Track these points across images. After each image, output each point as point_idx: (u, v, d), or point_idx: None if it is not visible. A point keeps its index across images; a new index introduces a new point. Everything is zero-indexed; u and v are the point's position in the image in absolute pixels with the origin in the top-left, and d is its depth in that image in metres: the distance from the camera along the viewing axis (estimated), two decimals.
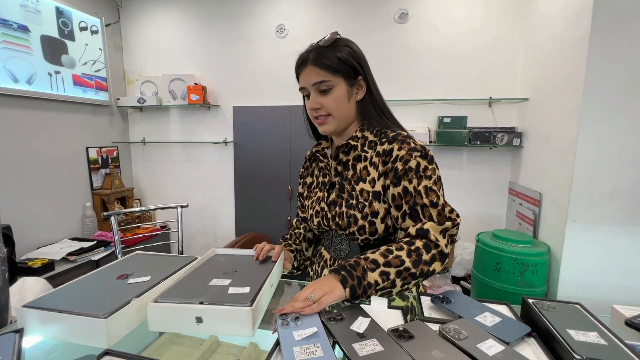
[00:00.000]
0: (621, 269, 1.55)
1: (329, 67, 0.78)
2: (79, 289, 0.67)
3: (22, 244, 2.03)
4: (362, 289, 0.65)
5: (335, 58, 0.78)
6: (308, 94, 0.83)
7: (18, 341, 0.53)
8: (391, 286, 0.68)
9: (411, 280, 0.69)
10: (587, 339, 0.52)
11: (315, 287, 0.63)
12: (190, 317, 0.57)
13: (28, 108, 2.12)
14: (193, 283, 0.68)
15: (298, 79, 0.85)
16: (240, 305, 0.57)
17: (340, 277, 0.65)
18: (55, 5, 2.24)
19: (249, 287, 0.65)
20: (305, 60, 0.81)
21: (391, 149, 0.78)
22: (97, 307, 0.57)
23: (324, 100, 0.80)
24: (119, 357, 0.50)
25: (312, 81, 0.79)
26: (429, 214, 0.73)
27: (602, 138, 1.50)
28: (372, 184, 0.80)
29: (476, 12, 2.23)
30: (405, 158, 0.75)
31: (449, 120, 2.27)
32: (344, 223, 0.81)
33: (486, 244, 1.80)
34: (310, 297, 0.61)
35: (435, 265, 0.70)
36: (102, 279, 0.72)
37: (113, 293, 0.65)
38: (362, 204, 0.80)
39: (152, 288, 0.66)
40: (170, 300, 0.60)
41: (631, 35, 1.42)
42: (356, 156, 0.84)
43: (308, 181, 0.98)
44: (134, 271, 0.75)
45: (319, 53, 0.79)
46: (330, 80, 0.79)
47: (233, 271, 0.75)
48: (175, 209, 1.77)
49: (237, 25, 2.62)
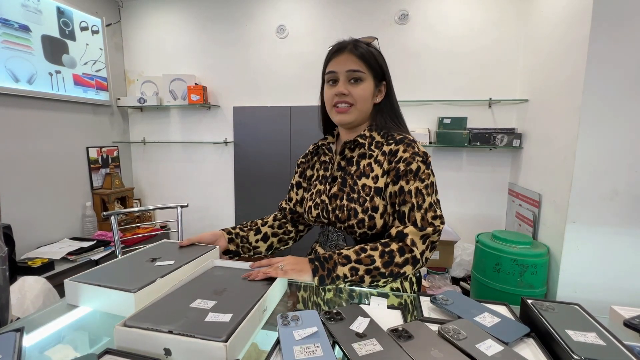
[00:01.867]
0: (620, 270, 1.55)
1: (367, 60, 0.82)
2: (116, 268, 0.77)
3: (22, 243, 2.04)
4: (331, 279, 0.74)
5: (371, 54, 0.83)
6: (333, 79, 0.84)
7: (18, 340, 0.53)
8: (359, 281, 0.75)
9: (380, 278, 0.75)
10: (586, 339, 0.52)
11: (289, 261, 0.74)
12: (159, 347, 0.50)
13: (28, 108, 2.12)
14: (174, 303, 0.61)
15: (327, 65, 0.86)
16: (212, 339, 0.49)
17: (312, 267, 0.73)
18: (56, 5, 2.24)
19: (231, 313, 0.57)
20: (344, 47, 0.83)
21: (397, 150, 0.81)
22: (128, 284, 0.66)
23: (352, 89, 0.82)
24: (120, 356, 0.50)
25: (347, 67, 0.82)
26: (414, 218, 0.77)
27: (602, 139, 1.50)
28: (375, 180, 0.82)
29: (476, 13, 2.24)
30: (408, 160, 0.79)
31: (449, 121, 2.27)
32: (343, 216, 0.83)
33: (486, 244, 1.81)
34: (280, 266, 0.72)
35: (407, 269, 0.75)
36: (135, 261, 0.82)
37: (142, 273, 0.73)
38: (363, 198, 0.82)
39: (175, 270, 0.75)
40: (139, 325, 0.53)
41: (630, 37, 1.42)
42: (361, 153, 0.87)
43: (308, 174, 1.00)
44: (161, 256, 0.84)
45: (359, 45, 0.83)
46: (364, 73, 0.82)
47: (223, 290, 0.67)
48: (175, 209, 1.77)
49: (238, 25, 2.63)
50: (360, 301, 0.76)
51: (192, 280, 0.72)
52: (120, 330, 0.53)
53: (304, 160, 1.04)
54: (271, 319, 0.65)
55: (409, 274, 0.77)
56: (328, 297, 0.79)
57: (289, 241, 1.06)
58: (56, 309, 0.69)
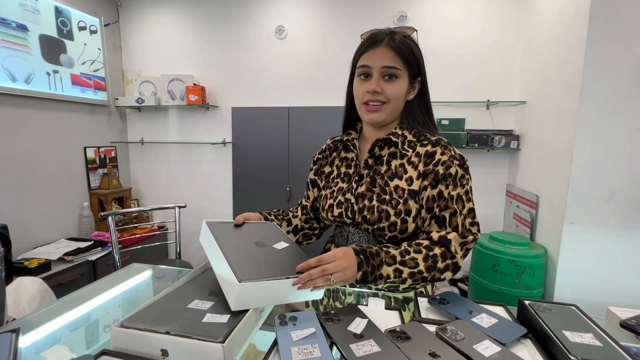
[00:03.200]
0: (617, 272, 1.56)
1: (404, 56, 0.77)
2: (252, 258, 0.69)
3: (18, 243, 2.02)
4: (374, 277, 0.68)
5: (409, 49, 0.77)
6: (365, 73, 0.79)
7: (14, 341, 0.53)
8: (401, 282, 0.71)
9: (421, 282, 0.72)
10: (583, 340, 0.52)
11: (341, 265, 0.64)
12: (156, 348, 0.51)
13: (26, 107, 2.11)
14: (172, 303, 0.61)
15: (359, 57, 0.80)
16: (210, 340, 0.49)
17: (358, 260, 0.67)
18: (54, 4, 2.24)
19: (229, 314, 0.57)
20: (380, 39, 0.77)
21: (434, 152, 0.78)
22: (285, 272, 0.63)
23: (386, 86, 0.78)
24: (116, 357, 0.50)
25: (383, 63, 0.76)
26: (455, 224, 0.74)
27: (599, 141, 1.51)
28: (409, 182, 0.78)
29: (474, 15, 2.25)
30: (447, 164, 0.76)
31: (447, 122, 2.28)
32: (373, 217, 0.78)
33: (483, 246, 1.81)
34: (333, 280, 0.63)
35: (447, 274, 0.73)
36: (252, 248, 0.73)
37: (281, 259, 0.69)
38: (396, 201, 0.78)
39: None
40: (136, 326, 0.53)
41: (628, 39, 1.43)
42: (392, 153, 0.82)
43: (326, 170, 0.95)
44: (265, 239, 0.77)
45: (396, 38, 0.77)
46: (400, 69, 0.77)
47: (220, 290, 0.64)
48: (173, 209, 1.77)
49: (237, 26, 2.63)
50: (358, 302, 0.76)
51: (190, 281, 0.72)
52: (117, 331, 0.52)
53: (320, 156, 0.97)
54: (269, 320, 0.65)
55: (449, 278, 0.75)
56: (326, 298, 0.79)
57: (312, 237, 1.02)
58: (52, 310, 0.68)
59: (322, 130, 2.45)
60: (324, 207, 0.89)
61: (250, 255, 0.66)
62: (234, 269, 0.58)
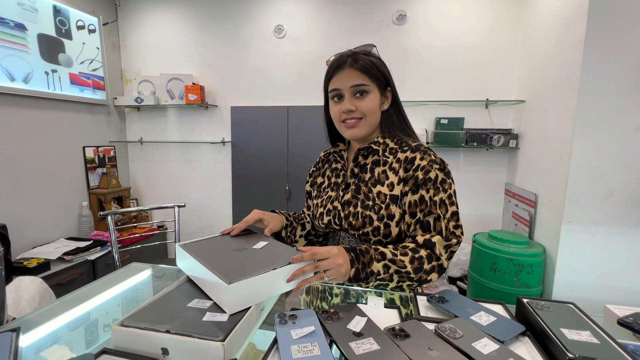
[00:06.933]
0: (615, 270, 1.56)
1: (368, 71, 0.81)
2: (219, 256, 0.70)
3: (17, 243, 2.02)
4: (365, 274, 0.71)
5: (373, 65, 0.82)
6: (337, 95, 0.84)
7: (15, 340, 0.53)
8: (389, 280, 0.74)
9: (407, 282, 0.76)
10: (580, 337, 0.52)
11: (335, 262, 0.67)
12: (156, 347, 0.50)
13: (24, 107, 2.11)
14: (172, 302, 0.61)
15: (329, 81, 0.86)
16: (210, 338, 0.49)
17: (350, 257, 0.70)
18: (52, 3, 2.23)
19: (229, 313, 0.57)
20: (344, 62, 0.82)
21: (413, 158, 0.80)
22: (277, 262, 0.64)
23: (359, 103, 0.82)
24: (117, 356, 0.50)
25: (351, 83, 0.81)
26: (440, 228, 0.77)
27: (597, 140, 1.51)
28: (391, 188, 0.82)
29: (473, 14, 2.25)
30: (427, 168, 0.79)
31: (446, 121, 2.28)
32: (358, 223, 0.82)
33: (482, 244, 1.81)
34: (326, 278, 0.66)
35: (433, 276, 0.76)
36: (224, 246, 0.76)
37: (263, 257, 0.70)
38: (379, 206, 0.81)
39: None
40: (136, 325, 0.52)
41: (626, 38, 1.43)
42: (375, 160, 0.86)
43: (319, 181, 1.00)
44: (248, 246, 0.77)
45: (358, 57, 0.82)
46: (368, 85, 0.81)
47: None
48: (173, 208, 1.76)
49: (236, 25, 2.62)
50: (358, 300, 0.77)
51: (189, 280, 0.71)
52: (117, 330, 0.52)
53: (314, 168, 1.04)
54: (269, 319, 0.66)
55: (434, 280, 0.77)
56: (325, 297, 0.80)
57: (315, 244, 1.06)
58: (52, 309, 0.68)
59: (322, 130, 2.41)
60: (316, 215, 0.94)
61: (232, 260, 0.67)
62: (220, 275, 0.58)
